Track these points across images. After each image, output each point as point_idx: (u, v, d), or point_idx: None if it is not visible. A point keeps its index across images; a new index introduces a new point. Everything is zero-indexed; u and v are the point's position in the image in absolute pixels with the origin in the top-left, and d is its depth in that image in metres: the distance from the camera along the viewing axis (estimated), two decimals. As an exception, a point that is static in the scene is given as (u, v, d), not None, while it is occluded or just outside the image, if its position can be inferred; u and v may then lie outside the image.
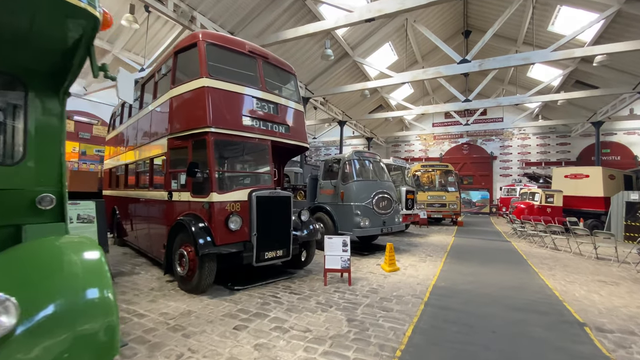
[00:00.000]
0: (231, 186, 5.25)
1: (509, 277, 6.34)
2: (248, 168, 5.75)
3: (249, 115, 5.44)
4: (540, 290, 5.58)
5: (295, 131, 6.25)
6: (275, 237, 5.43)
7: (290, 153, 6.92)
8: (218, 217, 4.83)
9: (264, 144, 5.57)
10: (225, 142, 5.14)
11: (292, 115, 6.24)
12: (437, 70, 13.09)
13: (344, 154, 8.77)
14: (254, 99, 5.57)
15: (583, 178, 14.92)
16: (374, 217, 8.15)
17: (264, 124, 5.66)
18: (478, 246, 10.19)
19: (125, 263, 6.94)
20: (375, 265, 7.11)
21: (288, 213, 5.64)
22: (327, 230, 8.33)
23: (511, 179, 25.65)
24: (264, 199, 5.26)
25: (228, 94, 5.24)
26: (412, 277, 6.19)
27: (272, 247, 5.36)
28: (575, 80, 18.30)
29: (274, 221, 5.42)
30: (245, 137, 5.34)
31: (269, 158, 5.58)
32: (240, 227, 4.99)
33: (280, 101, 6.01)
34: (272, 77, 6.13)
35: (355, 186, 8.20)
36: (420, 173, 17.48)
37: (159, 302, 4.56)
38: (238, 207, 5.07)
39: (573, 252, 9.33)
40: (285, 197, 5.61)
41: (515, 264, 7.69)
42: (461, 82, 23.96)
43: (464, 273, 6.57)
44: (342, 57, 15.81)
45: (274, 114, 5.85)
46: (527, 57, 11.79)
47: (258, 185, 5.46)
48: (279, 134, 5.85)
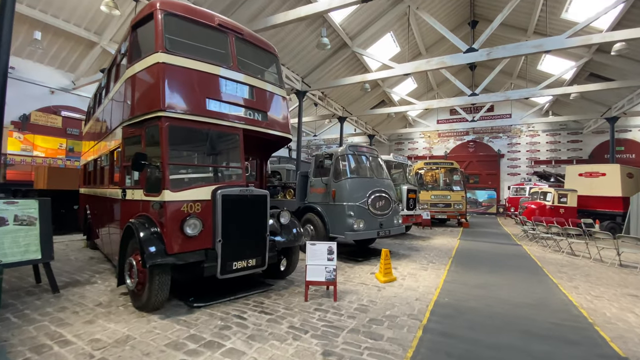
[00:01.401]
0: (190, 183, 4.39)
1: (524, 291, 5.42)
2: (214, 161, 4.89)
3: (215, 99, 4.58)
4: (564, 308, 4.66)
5: (275, 120, 5.38)
6: (247, 243, 4.56)
7: (272, 146, 6.06)
8: (171, 220, 3.98)
9: (234, 133, 4.70)
10: (184, 130, 4.28)
11: (271, 101, 5.37)
12: (442, 60, 12.14)
13: (337, 148, 7.89)
14: (222, 80, 4.70)
15: (599, 176, 13.89)
16: (369, 219, 7.26)
17: (236, 109, 4.79)
18: (486, 250, 9.26)
19: (86, 270, 6.13)
20: (370, 274, 6.23)
21: (263, 215, 4.77)
22: (318, 233, 7.46)
23: (519, 177, 24.58)
24: (232, 199, 4.40)
25: (189, 72, 4.38)
26: (410, 289, 5.30)
27: (243, 256, 4.50)
28: (589, 72, 17.22)
29: (245, 225, 4.55)
30: (210, 124, 4.47)
31: (240, 150, 4.70)
32: (201, 232, 4.14)
33: (257, 84, 5.13)
34: (248, 56, 5.26)
35: (348, 184, 7.31)
36: (424, 171, 16.52)
37: (97, 324, 3.71)
38: (198, 207, 4.22)
39: (593, 259, 8.37)
40: (260, 196, 4.74)
41: (530, 272, 6.76)
42: (467, 77, 22.95)
43: (471, 285, 5.66)
44: (341, 48, 14.91)
45: (248, 99, 4.99)
46: (540, 44, 10.79)
47: (226, 182, 4.60)
48: (254, 121, 4.99)
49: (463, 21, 17.64)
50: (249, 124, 4.88)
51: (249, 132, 4.99)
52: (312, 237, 7.61)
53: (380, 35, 15.35)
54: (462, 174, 16.32)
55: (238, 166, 4.72)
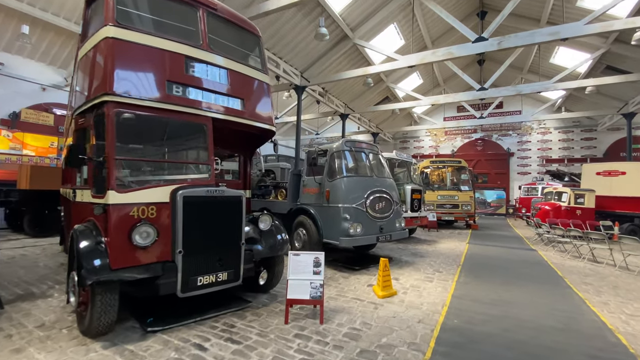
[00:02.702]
0: (143, 182, 3.67)
1: (547, 309, 4.61)
2: (176, 156, 4.16)
3: (179, 83, 3.85)
4: (598, 333, 3.85)
5: (256, 109, 4.63)
6: (216, 254, 3.82)
7: (255, 140, 5.32)
8: (117, 228, 3.26)
9: (201, 122, 3.97)
10: (137, 118, 3.55)
11: (251, 88, 4.63)
12: (449, 50, 11.30)
13: (332, 144, 7.13)
14: (189, 61, 3.98)
15: (619, 175, 12.93)
16: (367, 222, 6.50)
17: (204, 95, 4.06)
18: (498, 256, 8.43)
19: (49, 280, 5.44)
20: (367, 286, 5.46)
21: (237, 220, 4.03)
22: (311, 238, 6.71)
23: (530, 177, 23.56)
24: (196, 201, 3.67)
25: (146, 50, 3.66)
26: (412, 307, 4.52)
27: (210, 269, 3.77)
28: (605, 65, 16.22)
29: (214, 232, 3.82)
30: (171, 111, 3.75)
31: (208, 143, 3.97)
32: (156, 242, 3.42)
33: (233, 67, 4.39)
34: (224, 35, 4.52)
35: (344, 183, 6.55)
36: (430, 170, 15.67)
37: (24, 354, 3.01)
38: (153, 212, 3.49)
39: (618, 267, 7.50)
40: (233, 198, 4.00)
41: (551, 284, 5.94)
42: (475, 72, 22.03)
43: (484, 301, 4.86)
44: (341, 40, 14.13)
45: (221, 83, 4.25)
46: (556, 31, 9.91)
47: (190, 181, 3.87)
48: (227, 110, 4.25)
49: (471, 12, 16.74)
50: (221, 113, 4.15)
51: (223, 122, 4.26)
52: (305, 243, 6.86)
53: (383, 26, 14.53)
54: (470, 173, 15.44)
55: (206, 162, 3.98)
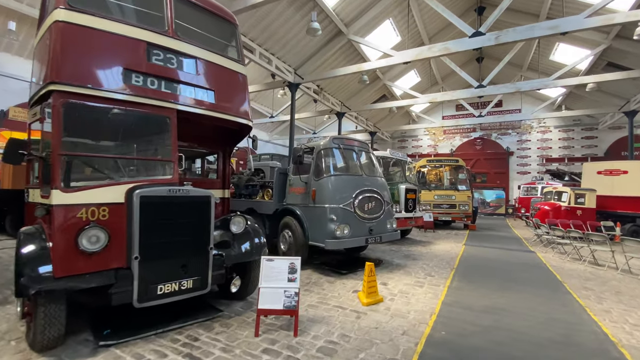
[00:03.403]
0: (93, 180, 3.32)
1: (544, 318, 4.26)
2: (133, 152, 3.80)
3: (139, 71, 3.50)
4: (600, 346, 3.50)
5: (229, 101, 4.29)
6: (179, 260, 3.48)
7: (232, 135, 4.97)
8: (61, 231, 2.91)
9: (163, 115, 3.62)
10: (89, 109, 3.21)
11: (223, 78, 4.28)
12: (445, 46, 10.98)
13: (320, 141, 6.79)
14: (152, 48, 3.63)
15: (620, 174, 12.57)
16: (356, 224, 6.15)
17: (169, 85, 3.71)
18: (494, 259, 8.07)
19: (13, 286, 5.09)
20: (352, 292, 5.10)
21: (205, 222, 3.68)
22: (296, 240, 6.37)
23: (530, 176, 23.18)
24: (156, 201, 3.32)
25: (99, 35, 3.31)
26: (398, 316, 4.17)
27: (173, 277, 3.42)
28: (607, 62, 15.84)
29: (177, 235, 3.47)
30: (128, 102, 3.40)
31: (171, 137, 3.62)
32: (107, 247, 3.07)
33: (203, 55, 4.05)
34: (194, 22, 4.17)
35: (331, 183, 6.20)
36: (427, 169, 15.31)
37: (-50, 376, 2.68)
38: (105, 213, 3.15)
39: (621, 270, 7.15)
40: (199, 198, 3.65)
41: (549, 289, 5.58)
42: (474, 69, 21.69)
43: (476, 309, 4.51)
44: (335, 36, 13.76)
45: (189, 73, 3.90)
46: (556, 25, 9.57)
47: (149, 180, 3.52)
48: (195, 102, 3.90)
49: (469, 7, 16.39)
50: (187, 105, 3.80)
51: (193, 116, 3.92)
52: (290, 245, 6.52)
53: (379, 22, 14.18)
54: (468, 172, 15.08)
55: (168, 159, 3.63)
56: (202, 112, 3.91)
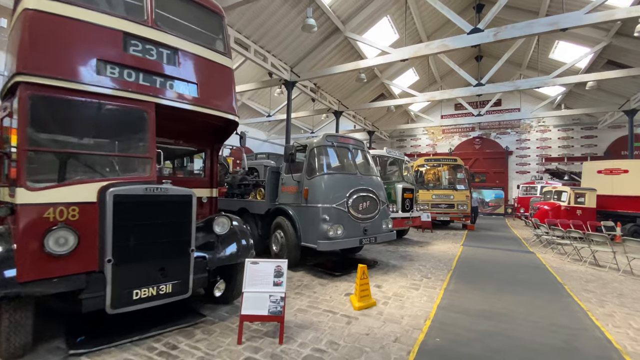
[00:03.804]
0: (63, 178, 3.11)
1: (544, 322, 4.07)
2: (108, 148, 3.58)
3: (115, 62, 3.30)
4: (603, 354, 3.30)
5: (213, 95, 4.08)
6: (157, 263, 3.28)
7: (219, 132, 4.77)
8: (26, 233, 2.71)
9: (140, 108, 3.41)
10: (59, 102, 3.00)
11: (207, 71, 4.07)
12: (443, 43, 10.77)
13: (313, 139, 6.59)
14: (129, 39, 3.42)
15: (621, 174, 12.38)
16: (349, 224, 5.95)
17: (147, 78, 3.51)
18: (493, 260, 7.88)
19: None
20: (344, 295, 4.90)
21: (185, 223, 3.48)
22: (288, 241, 6.17)
23: (529, 176, 23.01)
24: (131, 200, 3.12)
25: (71, 24, 3.11)
26: (391, 321, 3.97)
27: (151, 281, 3.22)
28: (607, 60, 15.66)
29: (154, 237, 3.27)
30: (103, 95, 3.19)
31: (149, 132, 3.42)
32: (77, 249, 2.87)
33: (185, 47, 3.84)
34: (177, 12, 3.97)
35: (324, 182, 6.00)
36: (425, 168, 15.12)
37: None
38: (75, 213, 2.94)
39: (622, 271, 6.96)
40: (179, 197, 3.44)
41: (549, 292, 5.39)
42: (473, 68, 21.48)
43: (473, 313, 4.31)
44: (332, 34, 13.56)
45: (170, 65, 3.70)
46: (555, 21, 9.39)
47: (124, 177, 3.31)
48: (177, 95, 3.69)
49: (467, 5, 16.19)
50: (167, 99, 3.59)
51: (175, 111, 3.72)
52: (282, 246, 6.32)
53: (376, 19, 13.98)
54: (466, 172, 14.89)
55: (146, 155, 3.42)
56: (184, 107, 3.71)
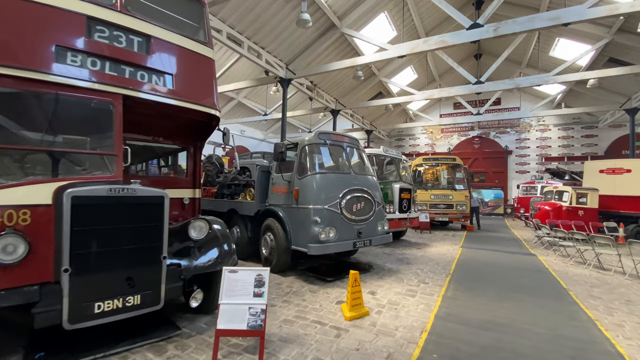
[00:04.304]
0: (11, 177, 2.78)
1: (550, 334, 3.75)
2: (66, 144, 3.25)
3: (76, 50, 2.98)
4: (618, 372, 3.00)
5: (191, 87, 3.75)
6: (124, 272, 2.96)
7: (200, 127, 4.44)
8: (-37, 240, 2.39)
9: (105, 100, 3.08)
10: (6, 93, 2.68)
11: (185, 62, 3.75)
12: (442, 38, 10.45)
13: (304, 137, 6.26)
14: (94, 23, 3.10)
15: (623, 173, 12.09)
16: (342, 226, 5.63)
17: (114, 67, 3.18)
18: (493, 262, 7.57)
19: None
20: (335, 303, 4.58)
21: (156, 227, 3.15)
22: (278, 245, 5.84)
23: (529, 175, 22.72)
24: (92, 203, 2.79)
25: (25, 7, 2.78)
26: (384, 333, 3.65)
27: (116, 292, 2.90)
28: (608, 57, 15.38)
29: (120, 244, 2.94)
30: (61, 85, 2.87)
31: (115, 127, 3.09)
32: (28, 258, 2.55)
33: (158, 34, 3.51)
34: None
35: (315, 181, 5.68)
36: (423, 168, 14.81)
37: None
38: (26, 217, 2.62)
39: (629, 275, 6.66)
40: (150, 199, 3.12)
41: (553, 298, 5.08)
42: (472, 66, 21.18)
43: (474, 324, 4.00)
44: (328, 30, 13.23)
45: (140, 54, 3.37)
46: (557, 16, 9.09)
47: (85, 177, 2.98)
48: (148, 87, 3.37)
49: (467, 1, 15.88)
50: (137, 90, 3.26)
51: (144, 103, 3.39)
52: (272, 250, 6.00)
53: (373, 15, 13.66)
54: (465, 171, 14.59)
55: (111, 153, 3.10)
56: (157, 99, 3.38)
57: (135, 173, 4.70)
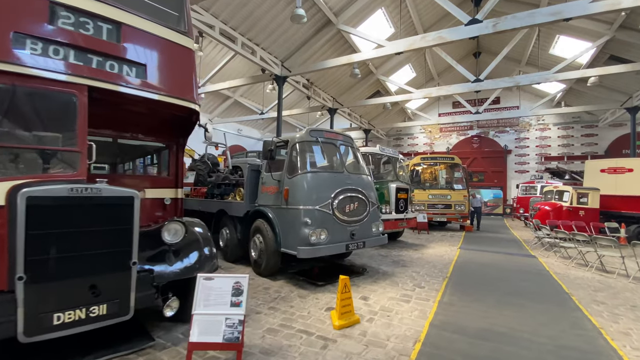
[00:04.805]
0: None
1: (552, 345, 3.50)
2: (22, 139, 2.97)
3: (36, 37, 2.72)
4: (627, 388, 2.75)
5: (166, 79, 3.49)
6: (87, 279, 2.70)
7: (180, 123, 4.17)
8: None
9: (68, 91, 2.82)
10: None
11: (160, 51, 3.48)
12: (439, 34, 10.19)
13: (294, 134, 6.00)
14: (57, 8, 2.84)
15: (625, 173, 11.84)
16: (334, 228, 5.37)
17: (79, 56, 2.93)
18: (492, 264, 7.33)
19: None
20: (325, 310, 4.33)
21: (125, 230, 2.89)
22: (267, 247, 5.59)
23: (528, 175, 22.49)
24: (50, 204, 2.54)
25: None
26: (375, 344, 3.40)
27: (78, 301, 2.64)
28: (609, 55, 15.15)
29: (83, 248, 2.69)
30: (18, 74, 2.61)
31: (78, 121, 2.83)
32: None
33: (130, 21, 3.25)
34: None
35: (305, 181, 5.42)
36: (421, 167, 14.56)
37: None
38: (-29, 220, 2.37)
39: (633, 277, 6.42)
40: (117, 200, 2.86)
41: (555, 304, 4.83)
42: (471, 64, 20.91)
43: (471, 332, 3.74)
44: (324, 26, 12.97)
45: (110, 42, 3.11)
46: (558, 10, 8.82)
47: (42, 175, 2.72)
48: (116, 77, 3.11)
49: (466, -2, 15.64)
50: (104, 81, 3.00)
51: (116, 96, 3.13)
52: (261, 253, 5.74)
53: (370, 11, 13.40)
54: (464, 171, 14.34)
55: (73, 149, 2.84)
56: (127, 91, 3.12)
57: (113, 172, 4.44)
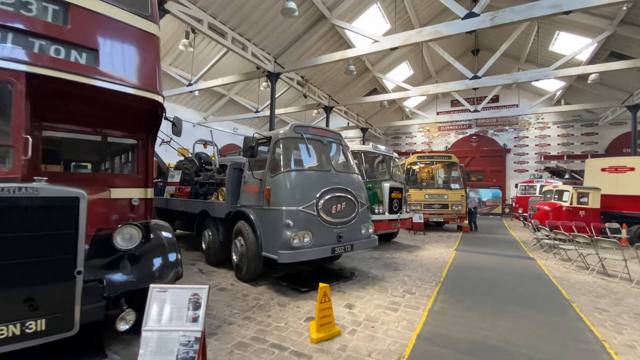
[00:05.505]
0: None
1: (551, 359, 3.18)
2: None
3: (-38, 14, 2.38)
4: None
5: (123, 67, 3.15)
6: (21, 291, 2.37)
7: (146, 117, 3.84)
8: None
9: (0, 79, 2.49)
10: None
11: (116, 36, 3.14)
12: (436, 29, 9.87)
13: (278, 130, 5.66)
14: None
15: (626, 172, 11.52)
16: (320, 230, 5.03)
17: (18, 39, 2.59)
18: (488, 267, 7.00)
19: None
20: (304, 320, 3.99)
21: (67, 235, 2.56)
22: (248, 251, 5.25)
23: (528, 174, 22.15)
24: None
25: None
26: (355, 359, 3.07)
27: (9, 316, 2.31)
28: (610, 52, 14.81)
29: (16, 255, 2.36)
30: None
31: (12, 112, 2.49)
32: None
33: (78, 1, 2.91)
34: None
35: (288, 180, 5.08)
36: (418, 166, 14.22)
37: None
38: None
39: (636, 282, 6.09)
40: (58, 200, 2.52)
41: (555, 313, 4.50)
42: (470, 62, 20.62)
43: (462, 347, 3.41)
44: (318, 21, 12.62)
45: (56, 25, 2.77)
46: (558, 3, 8.48)
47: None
48: (63, 63, 2.77)
49: (463, -7, 15.28)
50: (46, 67, 2.66)
51: (58, 83, 2.79)
52: (242, 256, 5.41)
53: (365, 6, 13.04)
54: (461, 170, 14.00)
55: (6, 143, 2.50)
56: (74, 79, 2.78)
57: (73, 170, 4.10)
